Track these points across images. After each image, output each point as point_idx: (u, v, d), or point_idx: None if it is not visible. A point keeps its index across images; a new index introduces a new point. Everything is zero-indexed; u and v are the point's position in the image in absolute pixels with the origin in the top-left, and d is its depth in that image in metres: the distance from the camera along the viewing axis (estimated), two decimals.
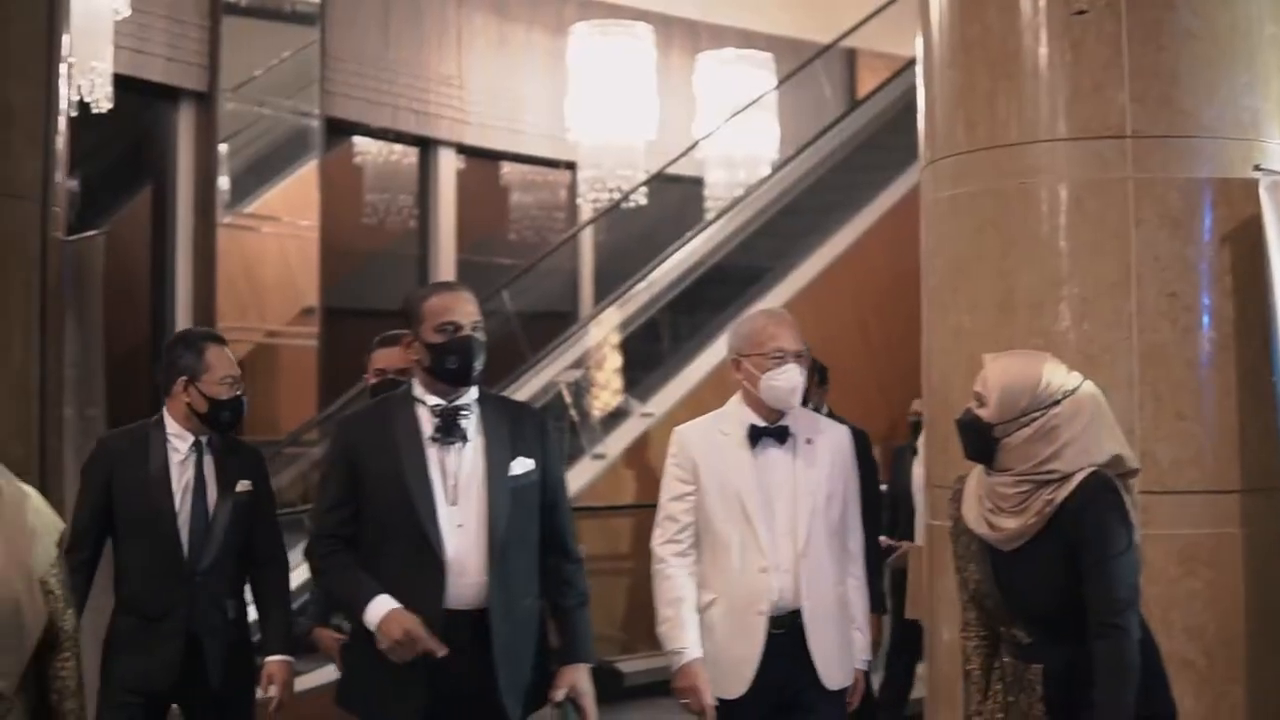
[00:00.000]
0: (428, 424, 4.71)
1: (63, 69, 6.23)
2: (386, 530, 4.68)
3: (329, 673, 6.06)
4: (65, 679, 4.09)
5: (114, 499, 5.24)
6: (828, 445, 5.15)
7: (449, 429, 4.69)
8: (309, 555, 4.79)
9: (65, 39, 6.30)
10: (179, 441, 5.32)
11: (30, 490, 4.13)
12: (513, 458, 4.72)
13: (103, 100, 10.75)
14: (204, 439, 5.34)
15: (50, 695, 4.07)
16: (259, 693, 5.31)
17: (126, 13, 11.37)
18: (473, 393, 4.78)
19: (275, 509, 5.56)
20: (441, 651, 4.48)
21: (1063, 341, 4.94)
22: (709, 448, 5.07)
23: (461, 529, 4.64)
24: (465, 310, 4.71)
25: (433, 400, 4.72)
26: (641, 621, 7.79)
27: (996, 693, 4.46)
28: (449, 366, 4.67)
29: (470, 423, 4.73)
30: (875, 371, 6.88)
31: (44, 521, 4.09)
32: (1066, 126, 4.99)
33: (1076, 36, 4.95)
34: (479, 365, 4.69)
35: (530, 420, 4.91)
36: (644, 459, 12.26)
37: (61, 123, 6.23)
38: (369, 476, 4.70)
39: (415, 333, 4.74)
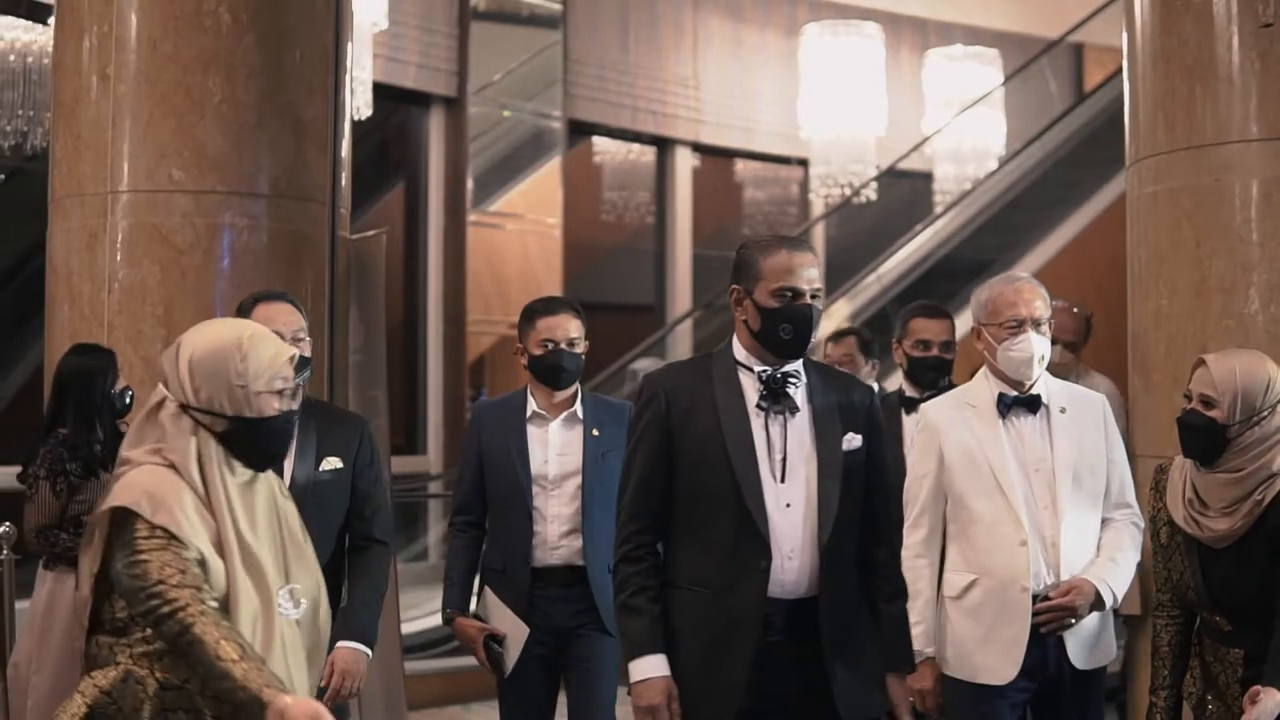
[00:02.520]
0: (752, 390, 4.24)
1: (347, 81, 6.94)
2: (700, 505, 4.23)
3: None
4: None
5: None
6: (1085, 413, 4.93)
7: (777, 396, 4.23)
8: (618, 552, 4.32)
9: (349, 55, 6.99)
10: None
11: None
12: (844, 432, 4.26)
13: (363, 107, 11.45)
14: None
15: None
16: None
17: (385, 25, 12.12)
18: (799, 360, 4.29)
19: (382, 487, 5.19)
20: None
21: (1252, 323, 5.35)
22: (955, 422, 4.87)
23: (789, 509, 4.19)
24: (808, 275, 4.20)
25: (758, 366, 4.25)
26: None
27: (1194, 668, 4.55)
28: (783, 336, 4.18)
29: (799, 392, 4.27)
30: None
31: None
32: (1256, 128, 5.41)
33: (1264, 47, 5.36)
34: (813, 336, 4.24)
35: (859, 393, 4.39)
36: None
37: (345, 131, 6.91)
38: (686, 440, 4.24)
39: (745, 288, 4.24)
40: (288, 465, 4.73)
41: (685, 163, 16.81)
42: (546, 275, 15.02)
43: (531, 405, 5.63)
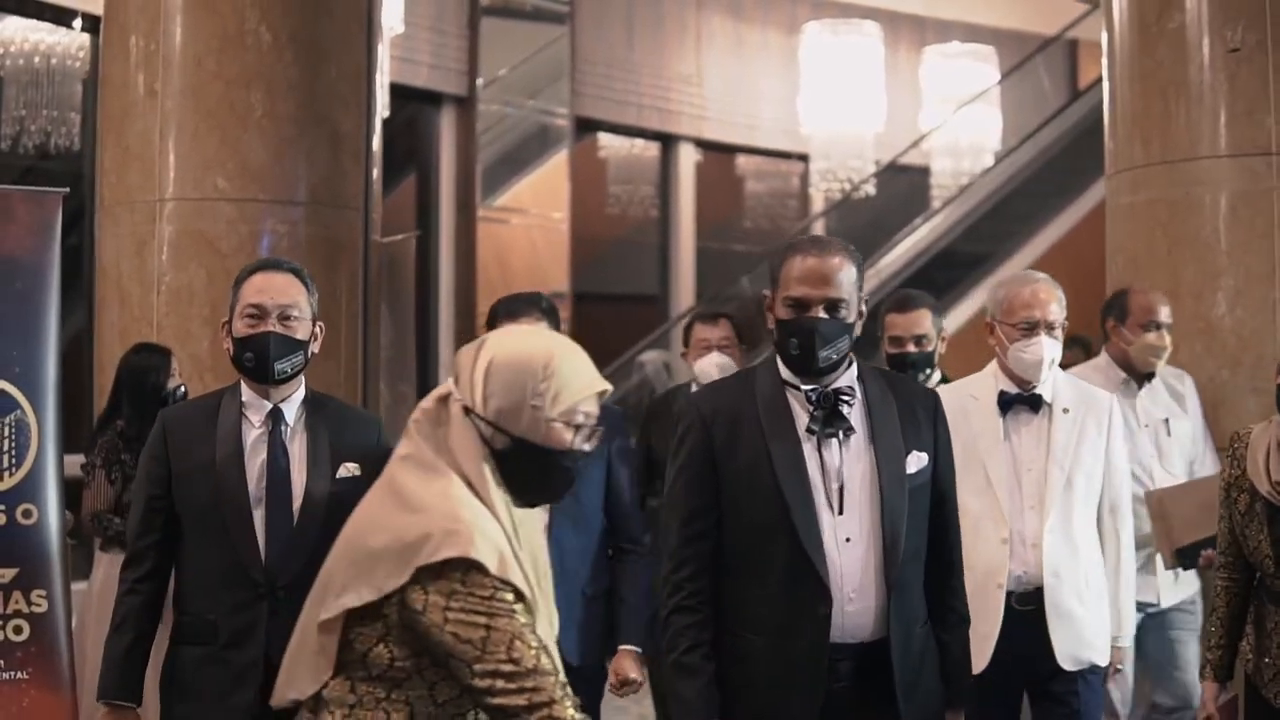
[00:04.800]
0: (801, 411, 3.80)
1: (379, 95, 7.38)
2: (750, 543, 3.79)
3: None
4: None
5: (173, 491, 4.08)
6: (1088, 414, 4.87)
7: (829, 417, 3.78)
8: (668, 602, 3.86)
9: (380, 66, 7.43)
10: (253, 411, 4.11)
11: None
12: (907, 451, 3.82)
13: (382, 109, 11.83)
14: (284, 406, 4.12)
15: None
16: None
17: (401, 29, 12.50)
18: (852, 371, 3.85)
19: None
20: None
21: (1220, 325, 5.84)
22: (954, 414, 4.34)
23: (849, 544, 3.74)
24: (821, 283, 3.75)
25: (806, 384, 3.80)
26: None
27: (1248, 635, 4.61)
28: (790, 352, 3.78)
29: (854, 410, 3.81)
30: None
31: None
32: (1225, 145, 5.88)
33: (1233, 69, 5.84)
34: (829, 355, 3.75)
35: (922, 401, 3.94)
36: None
37: (376, 141, 7.36)
38: (731, 470, 3.81)
39: (771, 295, 3.87)
40: (299, 475, 4.06)
41: (688, 158, 17.07)
42: (553, 268, 15.28)
43: None
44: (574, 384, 3.11)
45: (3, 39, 11.14)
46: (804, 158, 17.06)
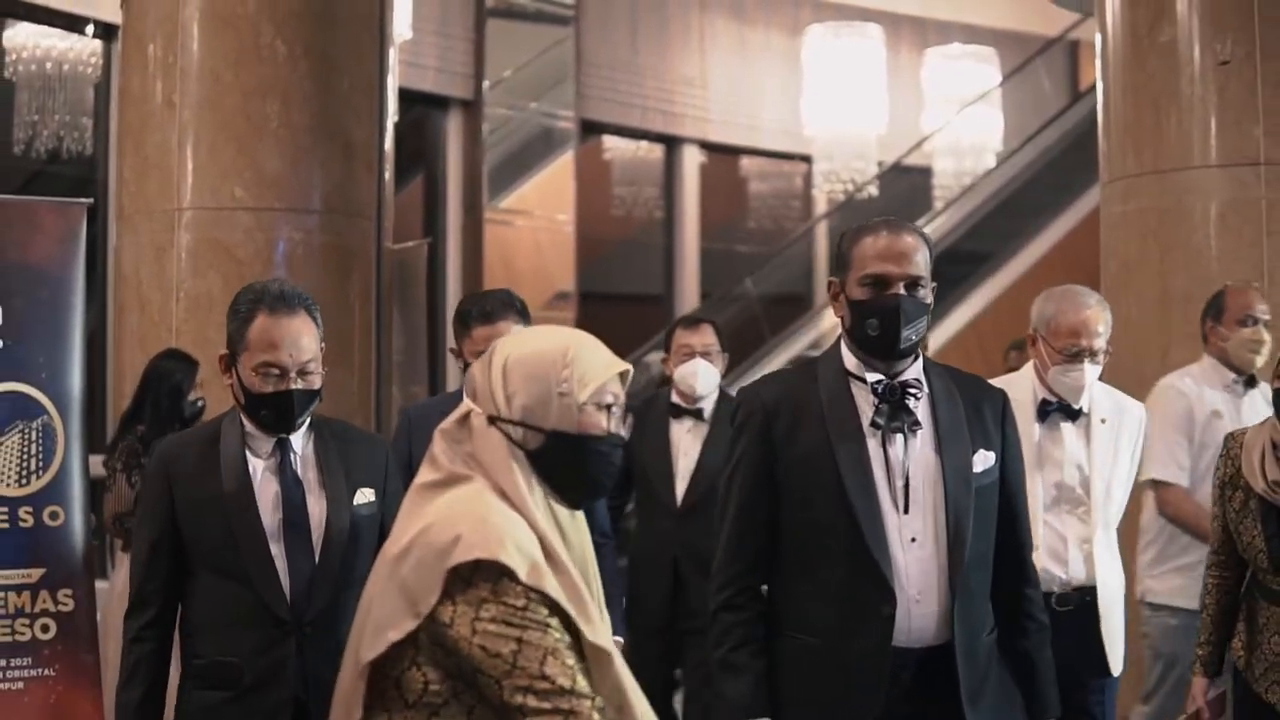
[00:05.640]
0: (866, 404, 3.63)
1: (390, 105, 7.55)
2: (809, 541, 3.63)
3: None
4: None
5: (177, 528, 3.83)
6: (1123, 426, 4.86)
7: (895, 410, 3.61)
8: (716, 598, 3.73)
9: (391, 76, 7.60)
10: (258, 442, 3.86)
11: None
12: (974, 449, 3.65)
13: (391, 114, 11.96)
14: (291, 435, 3.88)
15: None
16: None
17: (408, 35, 12.59)
18: (919, 364, 3.69)
19: None
20: None
21: None
22: None
23: (915, 544, 3.57)
24: (901, 260, 3.60)
25: (871, 375, 3.63)
26: None
27: (1239, 632, 4.68)
28: (869, 333, 3.58)
29: (921, 403, 3.65)
30: None
31: None
32: (1215, 155, 6.06)
33: (1222, 82, 6.02)
34: (910, 335, 3.59)
35: (990, 399, 3.77)
36: None
37: (388, 149, 7.53)
38: (791, 464, 3.64)
39: (840, 281, 3.70)
40: (317, 506, 3.84)
41: (693, 159, 17.16)
42: (559, 269, 15.41)
43: None
44: (596, 365, 2.94)
45: (15, 45, 11.28)
46: (807, 159, 17.17)
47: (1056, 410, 4.78)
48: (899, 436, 3.59)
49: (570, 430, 2.90)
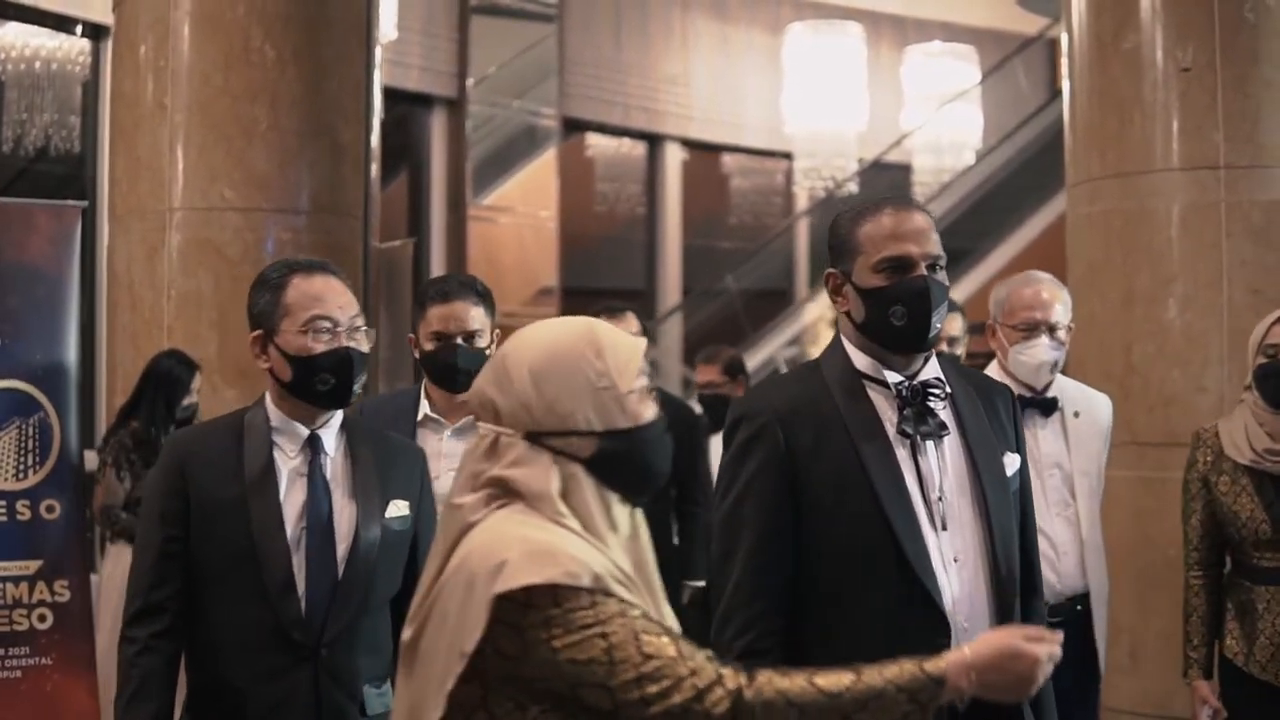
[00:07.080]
0: (887, 408, 3.18)
1: (377, 106, 7.69)
2: (842, 572, 3.14)
3: None
4: None
5: (190, 531, 3.41)
6: (1094, 417, 4.81)
7: (922, 416, 3.17)
8: (736, 644, 3.14)
9: (377, 79, 7.74)
10: (286, 438, 3.46)
11: None
12: (1003, 453, 3.27)
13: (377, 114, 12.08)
14: (323, 433, 3.47)
15: None
16: None
17: (394, 35, 12.68)
18: (934, 361, 3.26)
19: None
20: None
21: (1171, 328, 6.15)
22: None
23: (959, 564, 3.14)
24: (921, 239, 3.17)
25: (892, 377, 3.19)
26: None
27: (1232, 630, 4.69)
28: (895, 323, 3.14)
29: (944, 405, 3.22)
30: None
31: None
32: (1177, 159, 6.20)
33: (1183, 88, 6.16)
34: (938, 322, 3.16)
35: (1002, 397, 3.39)
36: None
37: (375, 148, 7.67)
38: (816, 485, 3.14)
39: (843, 270, 3.24)
40: (345, 515, 3.43)
41: (675, 157, 17.28)
42: (542, 265, 15.55)
43: (424, 407, 4.42)
44: (625, 348, 2.60)
45: (4, 44, 11.38)
46: (788, 156, 17.22)
47: (1030, 406, 4.64)
48: (927, 444, 3.17)
49: (624, 425, 2.56)
